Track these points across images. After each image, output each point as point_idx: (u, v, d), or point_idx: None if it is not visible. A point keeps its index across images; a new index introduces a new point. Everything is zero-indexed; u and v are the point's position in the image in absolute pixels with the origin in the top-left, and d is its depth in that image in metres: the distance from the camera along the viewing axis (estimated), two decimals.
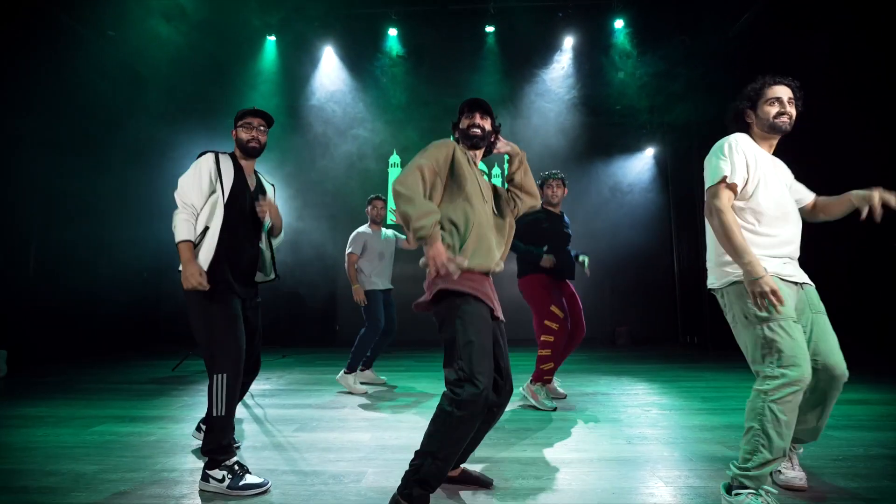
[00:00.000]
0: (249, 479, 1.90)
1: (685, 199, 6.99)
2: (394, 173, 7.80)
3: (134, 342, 6.64)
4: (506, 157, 2.18)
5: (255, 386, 4.11)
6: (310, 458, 2.25)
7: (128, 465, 2.16)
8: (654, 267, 7.40)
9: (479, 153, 2.07)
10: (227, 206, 2.11)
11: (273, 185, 2.48)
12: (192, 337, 2.16)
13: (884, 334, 5.41)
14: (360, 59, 6.85)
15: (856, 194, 1.83)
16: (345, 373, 3.91)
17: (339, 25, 6.54)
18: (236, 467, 1.92)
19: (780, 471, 1.89)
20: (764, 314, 1.67)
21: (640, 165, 7.45)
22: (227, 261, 2.09)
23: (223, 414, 1.94)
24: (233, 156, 2.25)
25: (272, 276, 2.36)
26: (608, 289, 7.38)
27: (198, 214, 2.09)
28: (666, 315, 7.39)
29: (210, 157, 2.17)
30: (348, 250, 4.07)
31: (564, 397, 3.53)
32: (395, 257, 4.26)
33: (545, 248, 3.35)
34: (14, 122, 4.93)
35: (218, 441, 1.93)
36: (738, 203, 1.83)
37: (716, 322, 6.58)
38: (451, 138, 2.08)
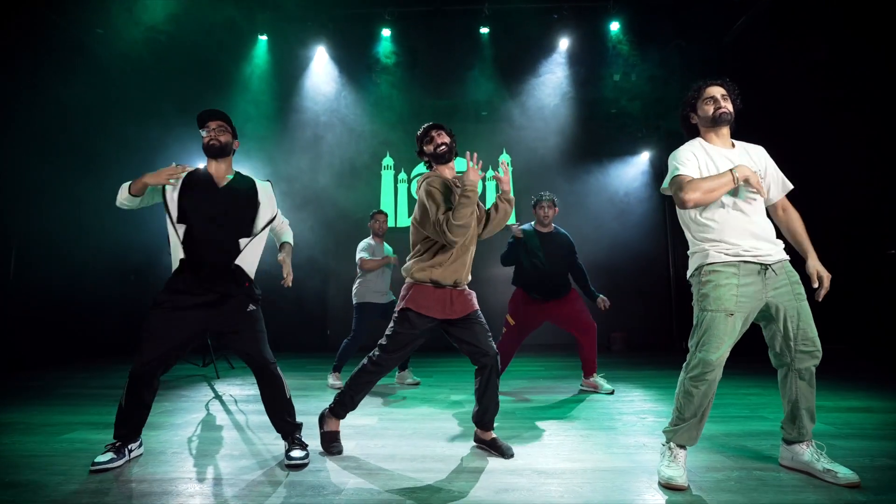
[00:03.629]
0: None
1: None
2: (387, 175, 7.71)
3: (117, 346, 6.46)
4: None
5: (239, 391, 3.98)
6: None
7: (92, 476, 2.03)
8: (649, 273, 7.31)
9: (452, 165, 2.32)
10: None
11: (269, 181, 2.51)
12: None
13: (884, 340, 5.35)
14: (353, 60, 6.78)
15: (810, 263, 1.97)
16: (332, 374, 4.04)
17: (331, 25, 6.47)
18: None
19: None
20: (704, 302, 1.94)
21: (635, 170, 7.38)
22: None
23: None
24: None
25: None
26: (604, 294, 7.28)
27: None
28: (661, 321, 7.30)
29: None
30: (360, 255, 4.10)
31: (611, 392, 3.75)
32: (395, 269, 4.20)
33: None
34: None
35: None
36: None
37: None
38: (423, 165, 2.38)
